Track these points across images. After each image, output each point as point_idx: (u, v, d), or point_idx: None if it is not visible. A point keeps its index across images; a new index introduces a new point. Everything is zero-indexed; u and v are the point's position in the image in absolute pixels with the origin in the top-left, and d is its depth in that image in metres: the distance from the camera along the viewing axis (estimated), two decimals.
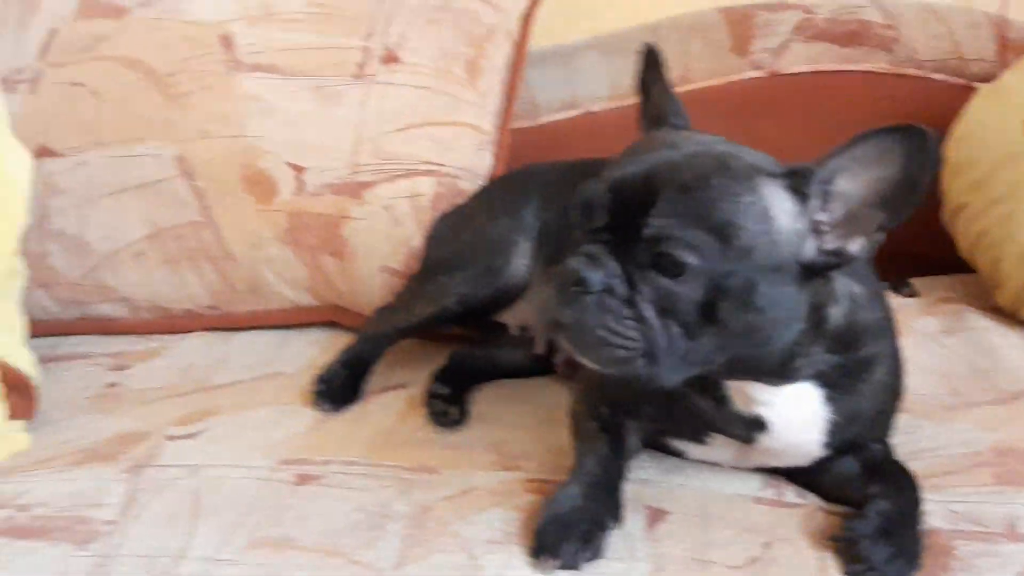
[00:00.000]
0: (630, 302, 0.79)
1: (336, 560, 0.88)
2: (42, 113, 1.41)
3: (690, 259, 0.77)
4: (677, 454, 1.01)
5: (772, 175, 0.80)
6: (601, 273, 0.79)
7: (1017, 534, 0.84)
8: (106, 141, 1.39)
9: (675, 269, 0.78)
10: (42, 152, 1.39)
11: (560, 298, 0.80)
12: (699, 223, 0.77)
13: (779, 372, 0.85)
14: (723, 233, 0.77)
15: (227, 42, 1.41)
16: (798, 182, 0.80)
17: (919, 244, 1.43)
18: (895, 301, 1.35)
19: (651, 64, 0.93)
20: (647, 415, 0.96)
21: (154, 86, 1.40)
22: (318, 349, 1.37)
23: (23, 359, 1.24)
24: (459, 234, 1.23)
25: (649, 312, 0.79)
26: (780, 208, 0.79)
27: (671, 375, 0.80)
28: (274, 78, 1.38)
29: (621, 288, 0.79)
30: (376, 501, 0.97)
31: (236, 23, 1.42)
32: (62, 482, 1.05)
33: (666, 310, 0.79)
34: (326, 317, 1.43)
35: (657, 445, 1.01)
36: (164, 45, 1.41)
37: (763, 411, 0.88)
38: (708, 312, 0.78)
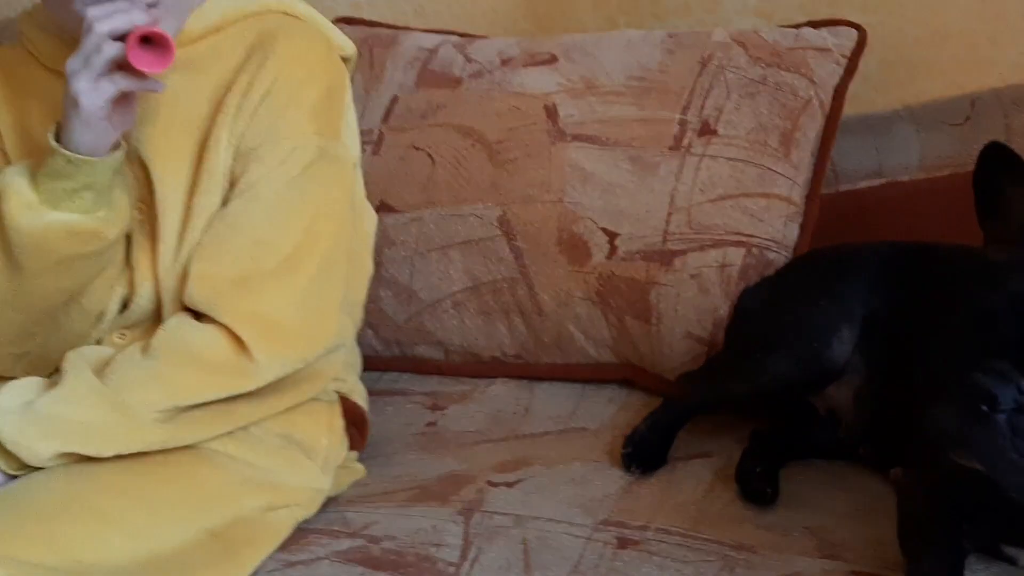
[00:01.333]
0: None
1: None
2: (383, 172, 1.57)
3: None
4: (1011, 561, 0.98)
5: None
6: (1013, 390, 0.78)
7: None
8: (438, 201, 1.53)
9: None
10: (381, 207, 1.55)
11: (967, 414, 0.79)
12: None
13: None
14: None
15: (552, 113, 1.51)
16: None
17: None
18: None
19: (1006, 164, 0.91)
20: (985, 518, 0.94)
21: (484, 152, 1.52)
22: (616, 407, 1.43)
23: (361, 395, 1.38)
24: (777, 312, 1.25)
25: None
26: None
27: None
28: (594, 148, 1.47)
29: None
30: (699, 574, 1.01)
31: (560, 95, 1.51)
32: (403, 518, 1.17)
33: None
34: (622, 375, 1.49)
35: (990, 550, 0.99)
36: (494, 114, 1.53)
37: None
38: None
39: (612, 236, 1.44)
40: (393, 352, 1.62)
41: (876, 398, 1.13)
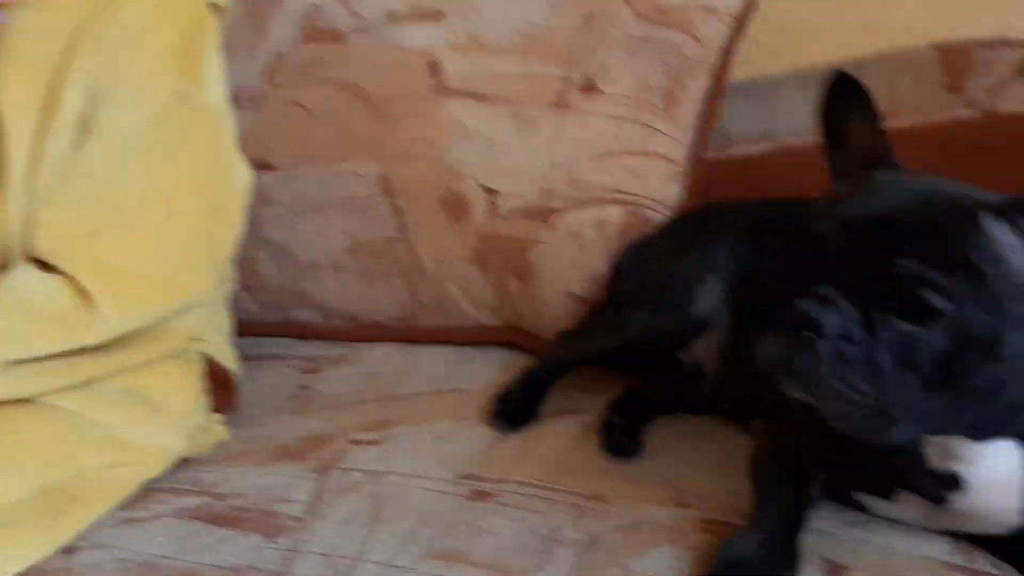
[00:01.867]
0: (868, 350, 0.74)
1: None
2: (264, 130, 1.51)
3: (941, 303, 0.73)
4: (860, 508, 0.96)
5: (1003, 213, 0.76)
6: (837, 317, 0.75)
7: None
8: (317, 158, 1.48)
9: (923, 315, 0.73)
10: (260, 165, 1.49)
11: (791, 343, 0.76)
12: (948, 266, 0.73)
13: (997, 427, 0.80)
14: (971, 278, 0.73)
15: (435, 69, 1.47)
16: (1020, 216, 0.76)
17: None
18: None
19: (850, 96, 0.89)
20: (835, 466, 0.92)
21: (365, 108, 1.47)
22: (497, 369, 1.40)
23: (228, 357, 1.33)
24: (646, 267, 1.23)
25: (887, 363, 0.75)
26: (1015, 248, 0.75)
27: (903, 435, 0.77)
28: (477, 104, 1.43)
29: (859, 334, 0.75)
30: (548, 525, 0.98)
31: (444, 51, 1.48)
32: (255, 476, 1.12)
33: (906, 361, 0.74)
34: (507, 338, 1.46)
35: (840, 497, 0.97)
36: (378, 70, 1.49)
37: (961, 468, 0.84)
38: (951, 365, 0.74)
39: (492, 194, 1.40)
40: (272, 317, 1.56)
41: (739, 351, 1.11)
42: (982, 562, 0.88)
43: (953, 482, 0.84)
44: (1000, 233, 0.75)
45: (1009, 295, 0.74)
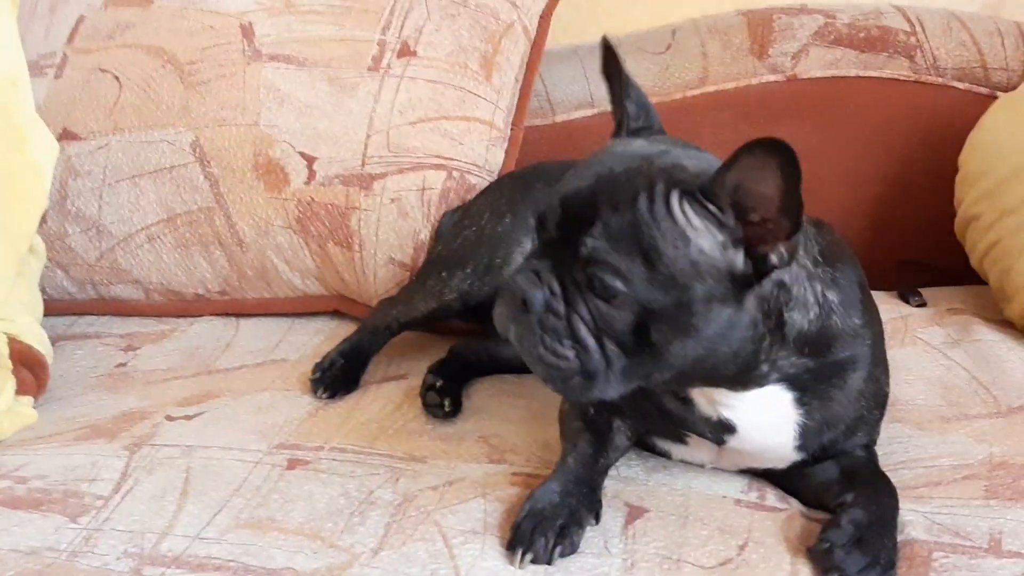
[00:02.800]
0: (568, 322, 0.80)
1: (315, 543, 0.89)
2: (66, 98, 1.44)
3: (617, 285, 0.78)
4: (664, 454, 1.01)
5: (690, 193, 0.78)
6: (543, 292, 0.81)
7: (1001, 550, 0.82)
8: (126, 126, 1.42)
9: (606, 292, 0.79)
10: (65, 135, 1.43)
11: (508, 314, 0.83)
12: (628, 248, 0.77)
13: (740, 379, 0.85)
14: (648, 259, 0.77)
15: (247, 32, 1.43)
16: (711, 196, 0.78)
17: (931, 254, 1.42)
18: (904, 310, 1.35)
19: (609, 58, 0.90)
20: (638, 416, 0.96)
21: (175, 74, 1.42)
22: (323, 338, 1.39)
23: (36, 338, 1.26)
24: (464, 230, 1.24)
25: (584, 332, 0.80)
26: (700, 228, 0.78)
27: (607, 391, 0.81)
28: (291, 68, 1.40)
29: (560, 308, 0.80)
30: (362, 488, 0.98)
31: (256, 13, 1.44)
32: (62, 456, 1.07)
33: (602, 330, 0.80)
34: (332, 307, 1.45)
35: (646, 445, 1.01)
36: (187, 33, 1.43)
37: (729, 414, 0.89)
38: (642, 334, 0.79)
39: (310, 160, 1.38)
40: (88, 294, 1.50)
41: None
42: (771, 498, 0.94)
43: (726, 426, 0.89)
44: (688, 213, 0.78)
45: (691, 274, 0.77)
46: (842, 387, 0.89)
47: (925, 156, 1.45)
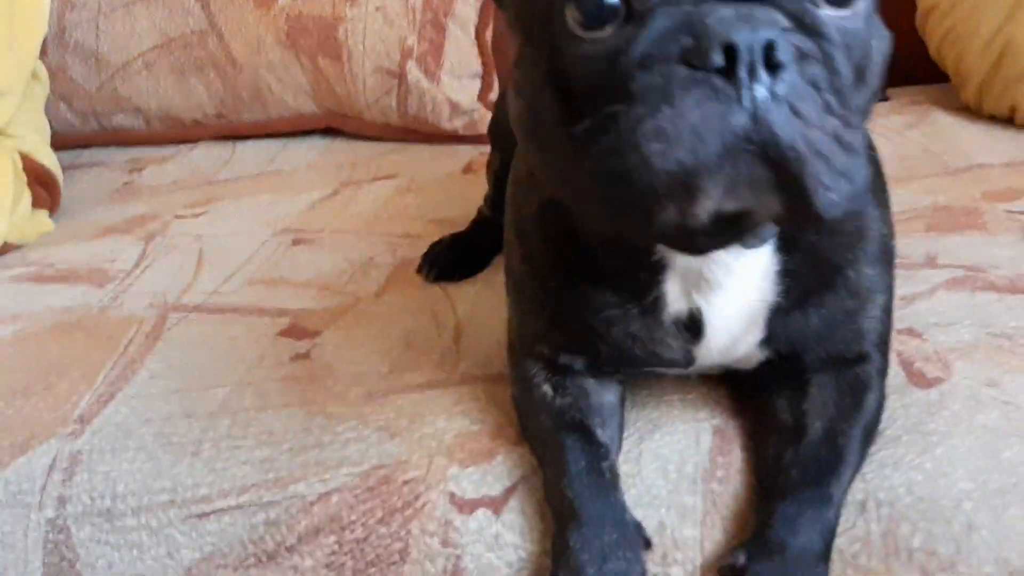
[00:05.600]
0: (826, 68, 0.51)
1: (323, 292, 0.98)
2: None
3: None
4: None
5: None
6: (776, 30, 0.49)
7: (936, 263, 0.91)
8: None
9: None
10: None
11: (747, 93, 0.48)
12: None
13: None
14: None
15: None
16: None
17: (894, 54, 1.48)
18: None
19: None
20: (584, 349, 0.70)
21: None
22: (316, 153, 1.46)
23: (47, 156, 1.34)
24: None
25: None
26: None
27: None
28: None
29: (813, 46, 0.51)
30: (363, 256, 1.07)
31: None
32: (83, 248, 1.16)
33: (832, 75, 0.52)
34: (325, 123, 1.51)
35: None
36: None
37: (703, 301, 0.65)
38: (863, 66, 0.54)
39: None
40: (91, 126, 1.56)
41: None
42: None
43: (695, 325, 0.66)
44: None
45: None
46: (842, 271, 0.67)
47: None
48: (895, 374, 0.74)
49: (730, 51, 0.48)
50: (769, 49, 0.49)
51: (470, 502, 0.68)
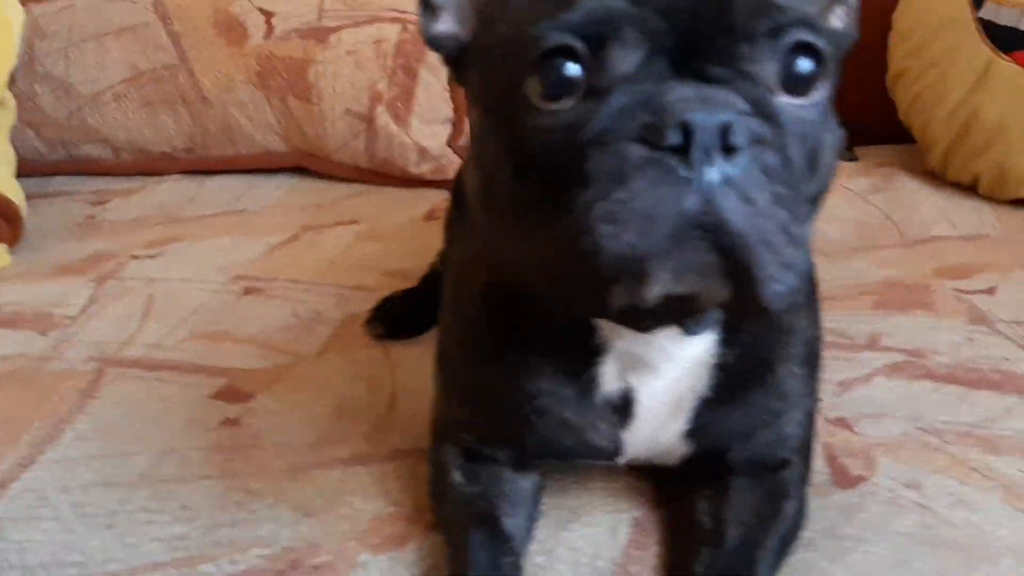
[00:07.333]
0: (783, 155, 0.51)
1: (265, 350, 0.98)
2: None
3: (825, 47, 0.53)
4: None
5: None
6: (733, 113, 0.49)
7: (878, 345, 0.91)
8: None
9: (808, 78, 0.53)
10: None
11: (700, 174, 0.48)
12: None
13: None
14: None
15: None
16: None
17: (868, 117, 1.48)
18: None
19: None
20: (511, 434, 0.69)
21: None
22: (282, 192, 1.46)
23: (10, 187, 1.33)
24: None
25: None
26: None
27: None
28: None
29: (767, 132, 0.50)
30: (311, 310, 1.06)
31: None
32: (34, 288, 1.15)
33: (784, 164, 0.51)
34: (294, 162, 1.51)
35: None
36: None
37: (636, 384, 0.65)
38: (815, 157, 0.54)
39: (268, 15, 1.43)
40: (59, 154, 1.56)
41: None
42: None
43: (627, 406, 0.66)
44: None
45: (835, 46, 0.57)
46: (771, 366, 0.67)
47: (865, 18, 1.49)
48: (820, 471, 0.73)
49: (687, 130, 0.48)
50: (725, 131, 0.48)
51: None
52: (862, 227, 1.19)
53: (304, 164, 1.50)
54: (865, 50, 1.50)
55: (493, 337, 0.67)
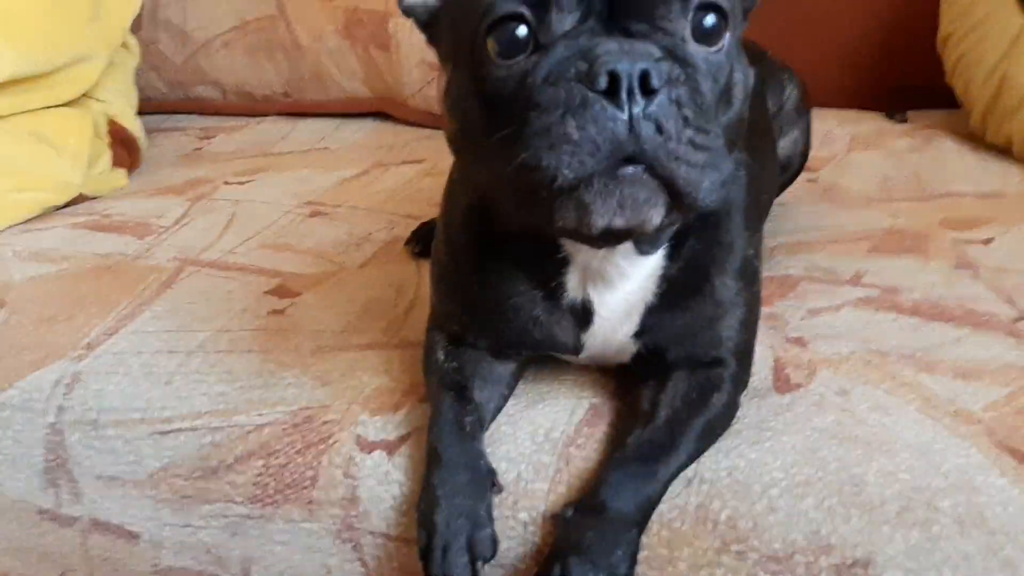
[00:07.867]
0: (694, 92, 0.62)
1: (318, 260, 1.13)
2: None
3: (727, 4, 0.65)
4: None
5: None
6: (651, 61, 0.61)
7: (859, 282, 0.97)
8: None
9: (714, 31, 0.65)
10: None
11: (624, 110, 0.59)
12: None
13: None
14: None
15: None
16: None
17: (923, 79, 1.51)
18: (884, 125, 1.46)
19: None
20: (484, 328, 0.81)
21: None
22: (364, 134, 1.61)
23: (131, 121, 1.53)
24: None
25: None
26: None
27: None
28: None
29: (680, 73, 0.62)
30: (364, 230, 1.21)
31: None
32: (140, 204, 1.34)
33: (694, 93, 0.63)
34: (377, 108, 1.66)
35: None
36: None
37: (594, 296, 0.76)
38: (728, 91, 0.67)
39: None
40: (177, 94, 1.76)
41: None
42: None
43: (586, 314, 0.77)
44: None
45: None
46: (710, 277, 0.78)
47: None
48: (764, 377, 0.82)
49: (614, 77, 0.60)
50: (645, 76, 0.60)
51: (371, 444, 0.81)
52: (886, 181, 1.24)
53: (385, 109, 1.65)
54: (923, 18, 1.52)
55: (474, 247, 0.80)
